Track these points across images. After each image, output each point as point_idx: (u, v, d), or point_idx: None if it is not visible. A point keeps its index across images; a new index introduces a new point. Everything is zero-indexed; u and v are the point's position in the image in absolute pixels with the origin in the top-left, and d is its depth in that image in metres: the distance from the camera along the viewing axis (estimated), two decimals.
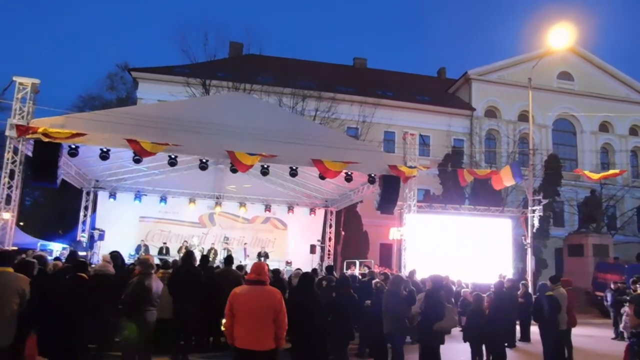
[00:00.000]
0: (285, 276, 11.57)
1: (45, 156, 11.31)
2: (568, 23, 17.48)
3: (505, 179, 15.81)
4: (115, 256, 8.64)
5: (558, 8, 51.02)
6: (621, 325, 11.98)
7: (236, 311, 4.55)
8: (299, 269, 11.45)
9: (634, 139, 34.01)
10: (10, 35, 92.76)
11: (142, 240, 17.80)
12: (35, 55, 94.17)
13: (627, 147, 33.47)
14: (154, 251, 17.24)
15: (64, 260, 9.43)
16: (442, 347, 6.68)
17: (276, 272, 10.29)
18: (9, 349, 4.97)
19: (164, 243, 18.19)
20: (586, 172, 17.30)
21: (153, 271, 6.45)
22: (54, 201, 31.31)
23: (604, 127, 33.71)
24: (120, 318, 6.10)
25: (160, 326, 6.59)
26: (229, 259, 9.24)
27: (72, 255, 9.53)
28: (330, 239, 20.66)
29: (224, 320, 4.91)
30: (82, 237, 17.52)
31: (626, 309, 10.50)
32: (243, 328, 4.51)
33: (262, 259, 17.88)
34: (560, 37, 17.60)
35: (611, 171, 18.46)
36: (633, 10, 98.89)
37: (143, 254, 15.43)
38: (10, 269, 5.24)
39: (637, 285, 10.12)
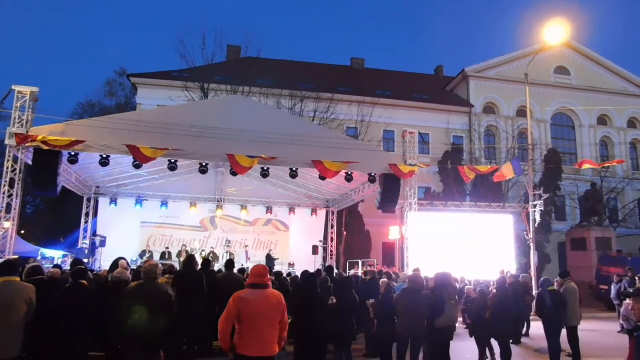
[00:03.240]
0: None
1: (45, 164, 11.32)
2: (563, 18, 17.59)
3: (506, 173, 16.46)
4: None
5: (553, 4, 51.05)
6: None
7: (246, 317, 4.18)
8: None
9: (633, 132, 34.01)
10: (8, 45, 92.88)
11: (148, 246, 17.77)
12: (34, 64, 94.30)
13: (626, 139, 33.46)
14: (156, 256, 17.24)
15: (65, 268, 9.40)
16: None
17: (278, 275, 10.25)
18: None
19: (167, 248, 18.21)
20: (587, 164, 17.43)
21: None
22: (55, 209, 31.32)
23: (603, 120, 33.70)
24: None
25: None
26: (229, 264, 9.19)
27: (76, 263, 9.47)
28: (332, 240, 20.65)
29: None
30: (84, 244, 17.50)
31: (627, 302, 10.43)
32: (255, 334, 4.18)
33: (274, 261, 17.78)
34: (555, 32, 17.69)
35: (613, 161, 18.48)
36: (627, 4, 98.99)
37: (147, 259, 15.43)
38: (17, 278, 5.20)
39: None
